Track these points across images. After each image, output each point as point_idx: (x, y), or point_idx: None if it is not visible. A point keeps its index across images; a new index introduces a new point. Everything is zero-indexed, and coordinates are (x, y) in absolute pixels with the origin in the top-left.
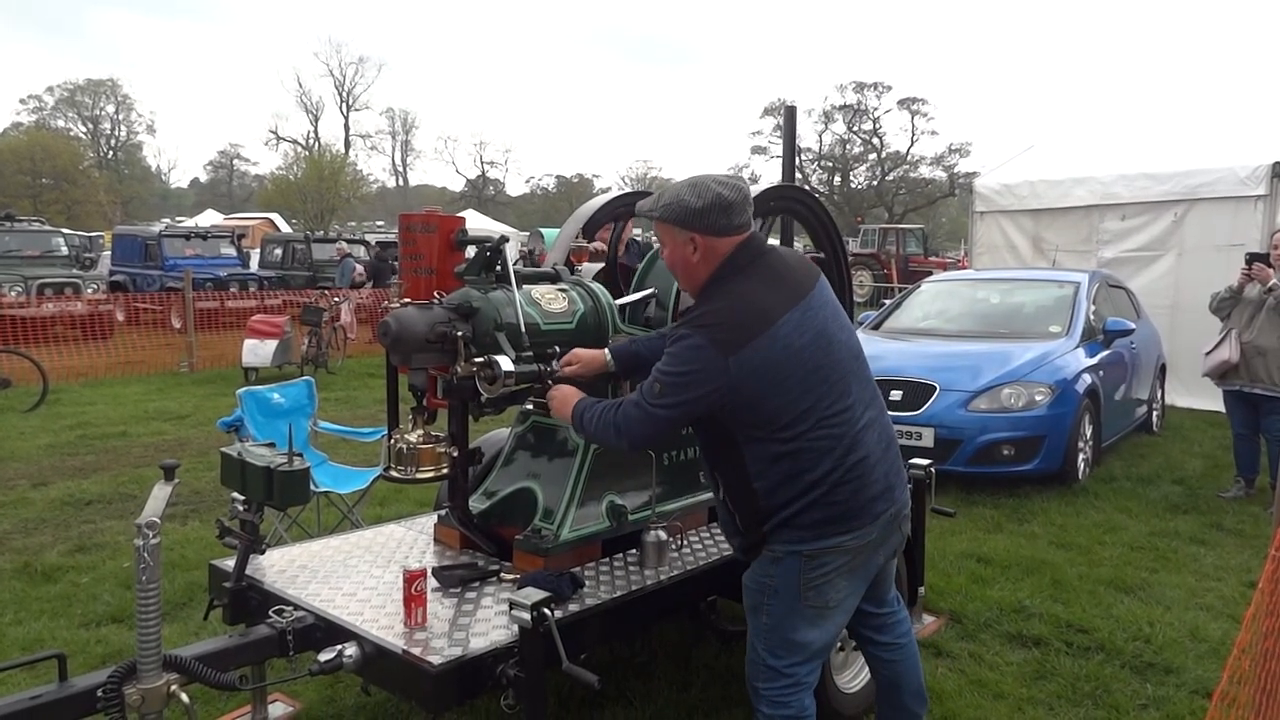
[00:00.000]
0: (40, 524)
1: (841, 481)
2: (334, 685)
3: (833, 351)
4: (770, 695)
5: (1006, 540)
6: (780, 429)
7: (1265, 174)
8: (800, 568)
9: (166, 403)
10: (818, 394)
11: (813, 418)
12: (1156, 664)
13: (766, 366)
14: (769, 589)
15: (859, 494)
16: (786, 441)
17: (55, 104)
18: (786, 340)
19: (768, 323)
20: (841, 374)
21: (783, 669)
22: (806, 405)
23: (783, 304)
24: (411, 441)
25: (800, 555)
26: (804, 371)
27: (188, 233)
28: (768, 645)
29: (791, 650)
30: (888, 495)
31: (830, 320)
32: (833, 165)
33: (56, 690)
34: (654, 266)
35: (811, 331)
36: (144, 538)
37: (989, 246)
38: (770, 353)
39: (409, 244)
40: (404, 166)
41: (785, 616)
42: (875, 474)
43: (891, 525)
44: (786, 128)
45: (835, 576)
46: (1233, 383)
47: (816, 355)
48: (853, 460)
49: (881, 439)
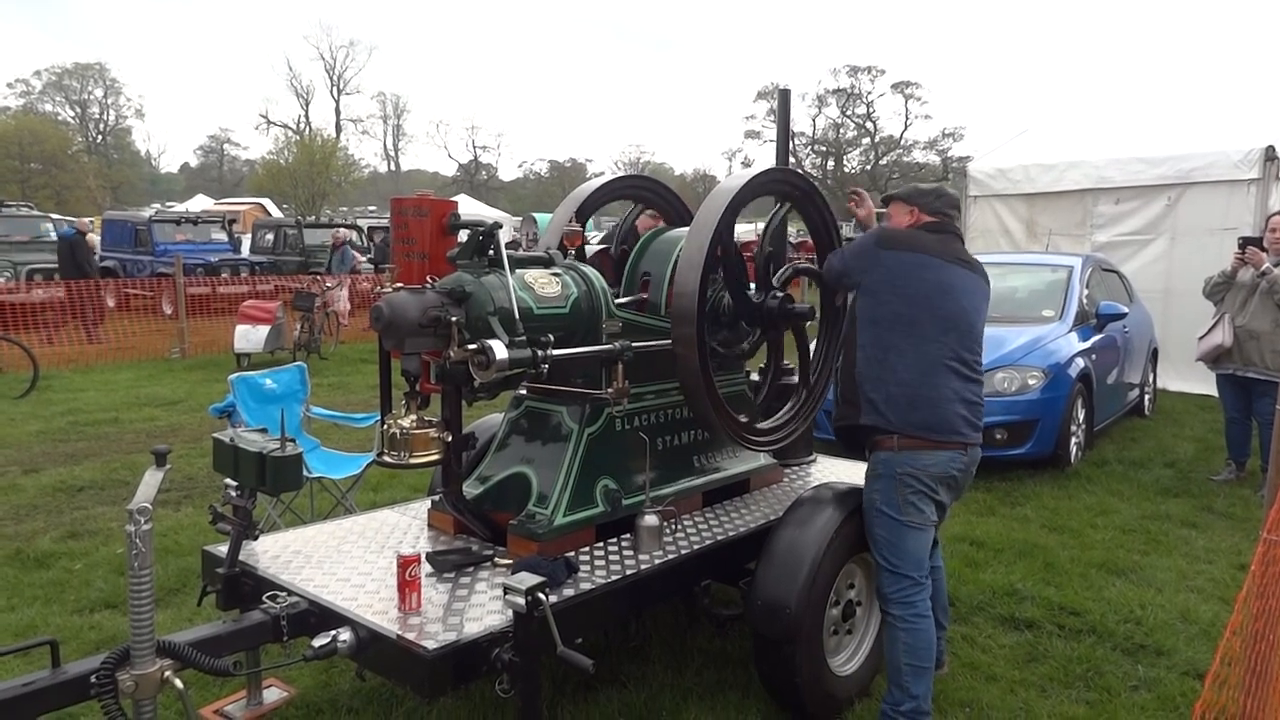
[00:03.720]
0: (32, 510)
1: (920, 391)
2: (329, 671)
3: (947, 303)
4: (897, 596)
5: (999, 524)
6: (881, 318)
7: (1258, 157)
8: (894, 485)
9: (158, 389)
10: (920, 318)
11: (911, 331)
12: (1148, 646)
13: (900, 267)
14: (875, 505)
15: (936, 410)
16: (883, 332)
17: (43, 88)
18: (922, 265)
19: (919, 251)
20: (943, 320)
21: (903, 572)
22: (904, 312)
23: (935, 250)
24: (405, 427)
25: (893, 474)
26: (919, 294)
27: (178, 218)
28: (884, 555)
29: (904, 556)
30: (961, 433)
31: (962, 291)
32: (826, 149)
33: (50, 676)
34: (648, 250)
35: (943, 277)
36: (136, 524)
37: (983, 231)
38: (908, 263)
39: (401, 229)
40: (396, 151)
41: (892, 527)
42: (954, 407)
43: (964, 473)
44: (780, 111)
45: (920, 497)
46: (1226, 366)
47: (934, 295)
48: (934, 381)
49: (964, 393)
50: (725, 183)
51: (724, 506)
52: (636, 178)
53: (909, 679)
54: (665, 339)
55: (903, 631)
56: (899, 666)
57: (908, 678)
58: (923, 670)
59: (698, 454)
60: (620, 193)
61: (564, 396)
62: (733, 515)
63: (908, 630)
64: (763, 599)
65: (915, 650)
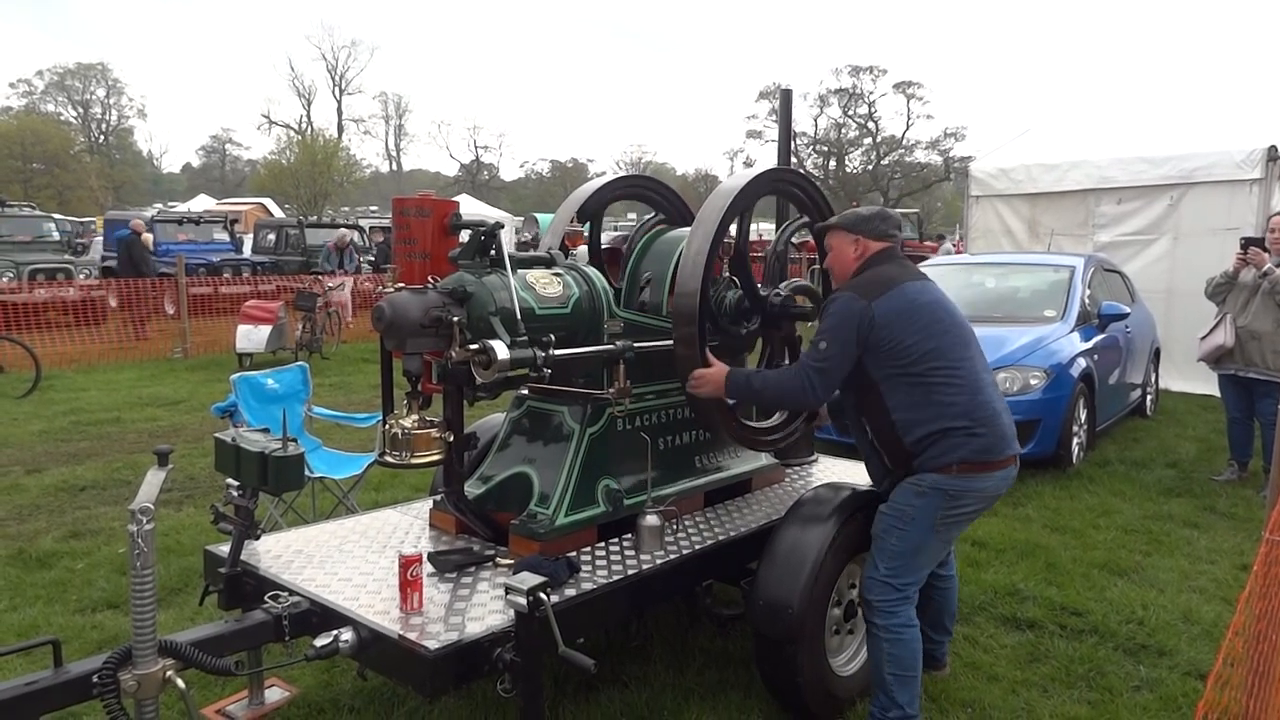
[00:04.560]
0: (34, 510)
1: (974, 415)
2: (330, 670)
3: (951, 316)
4: (884, 607)
5: (1001, 524)
6: (912, 364)
7: (1260, 158)
8: (943, 504)
9: (160, 388)
10: (940, 340)
11: (939, 358)
12: (1150, 646)
13: (898, 308)
14: (907, 517)
15: (994, 428)
16: (918, 376)
17: (45, 88)
18: (912, 296)
19: (896, 284)
20: (959, 334)
21: (897, 585)
22: (932, 346)
23: (907, 277)
24: (406, 427)
25: (945, 493)
26: (928, 319)
27: (180, 218)
28: (890, 565)
29: (909, 571)
30: (1014, 447)
31: (949, 305)
32: (828, 149)
33: (52, 676)
34: (648, 251)
35: (931, 297)
36: (138, 523)
37: (984, 231)
38: (900, 301)
39: (403, 228)
40: (398, 151)
41: (915, 543)
42: (1003, 419)
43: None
44: (782, 111)
45: (964, 519)
46: (1227, 367)
47: (937, 312)
48: (981, 400)
49: (1002, 401)
50: (727, 183)
51: (725, 506)
52: (638, 178)
53: (894, 689)
54: (667, 339)
55: (887, 643)
56: (883, 677)
57: (893, 687)
58: (908, 679)
59: (699, 454)
60: (622, 193)
61: (565, 396)
62: (734, 515)
63: (892, 642)
64: (764, 599)
65: (900, 661)
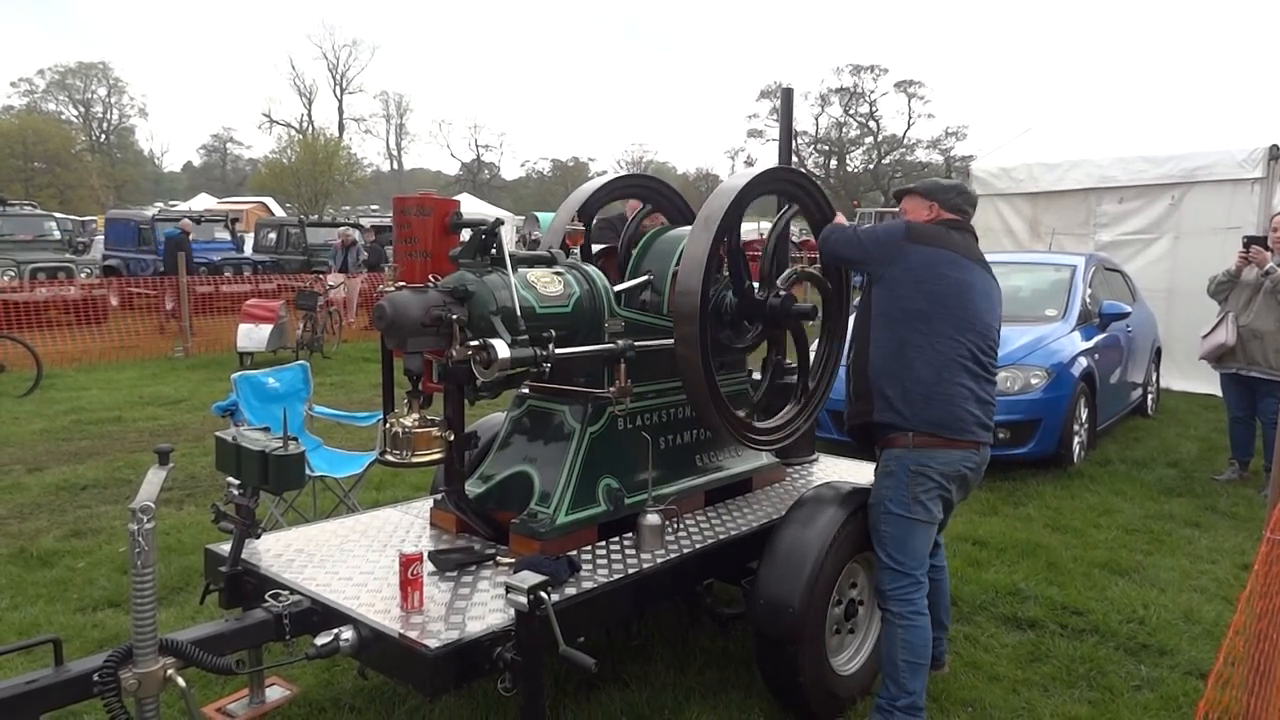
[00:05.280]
0: (35, 509)
1: (936, 388)
2: (331, 669)
3: (967, 302)
4: (897, 594)
5: (1002, 523)
6: (904, 319)
7: (1262, 157)
8: (908, 480)
9: (161, 388)
10: (940, 316)
11: (923, 323)
12: (1151, 645)
13: (923, 262)
14: (884, 499)
15: (951, 408)
16: (904, 331)
17: (46, 87)
18: (943, 261)
19: (941, 245)
20: (962, 320)
21: (905, 570)
22: (919, 308)
23: (955, 247)
24: (407, 426)
25: (907, 469)
26: (938, 288)
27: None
28: (889, 552)
29: (908, 553)
30: (974, 433)
31: (981, 292)
32: (829, 148)
33: (53, 674)
34: (650, 250)
35: (962, 275)
36: (139, 522)
37: (986, 230)
38: (930, 258)
39: (404, 227)
40: (398, 150)
41: (901, 524)
42: (968, 406)
43: (975, 472)
44: (783, 110)
45: (935, 492)
46: (1229, 366)
47: (955, 293)
48: (950, 379)
49: (979, 392)
50: (728, 182)
51: (726, 505)
52: (639, 177)
53: (906, 675)
54: (668, 338)
55: (901, 629)
56: (896, 663)
57: (905, 674)
58: (919, 667)
59: (700, 453)
60: (622, 192)
61: (566, 395)
62: (735, 514)
63: (906, 627)
64: (765, 598)
65: (913, 647)
